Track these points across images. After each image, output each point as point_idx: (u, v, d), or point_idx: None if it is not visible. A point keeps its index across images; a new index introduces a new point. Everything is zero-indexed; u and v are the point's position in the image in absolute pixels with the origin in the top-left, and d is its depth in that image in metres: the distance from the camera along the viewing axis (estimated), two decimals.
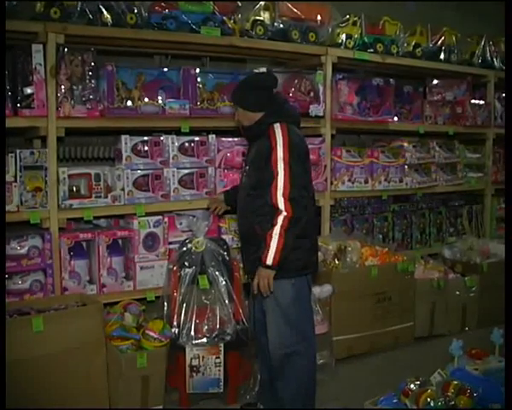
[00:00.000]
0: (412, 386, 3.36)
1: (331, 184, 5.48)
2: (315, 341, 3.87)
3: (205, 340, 4.10)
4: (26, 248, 4.15)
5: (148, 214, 4.54)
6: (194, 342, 4.10)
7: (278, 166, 3.50)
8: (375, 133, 6.35)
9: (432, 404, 3.15)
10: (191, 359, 4.12)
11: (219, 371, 4.15)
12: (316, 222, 4.02)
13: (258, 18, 4.94)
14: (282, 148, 3.52)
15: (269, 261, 3.49)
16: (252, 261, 3.70)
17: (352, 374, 4.77)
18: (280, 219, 3.47)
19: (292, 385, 3.69)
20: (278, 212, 3.48)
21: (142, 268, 4.52)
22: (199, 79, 4.66)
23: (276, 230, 3.47)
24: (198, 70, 4.67)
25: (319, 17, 5.29)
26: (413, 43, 6.00)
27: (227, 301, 4.18)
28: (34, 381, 3.68)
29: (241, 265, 4.02)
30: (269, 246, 3.48)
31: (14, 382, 3.58)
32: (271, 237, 3.48)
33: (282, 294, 3.63)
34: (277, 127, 3.60)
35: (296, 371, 3.67)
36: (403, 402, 3.33)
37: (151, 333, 3.99)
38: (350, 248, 5.11)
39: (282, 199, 3.48)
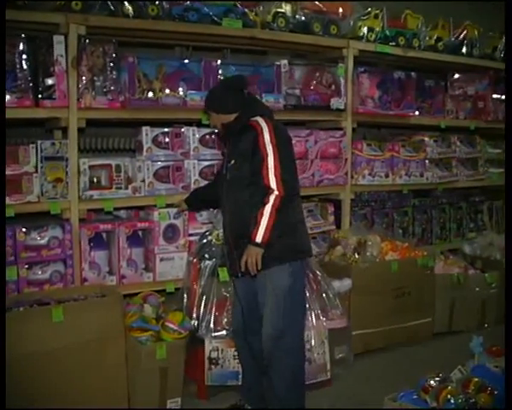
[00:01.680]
0: (432, 382, 3.35)
1: (351, 177, 5.45)
2: (304, 323, 3.92)
3: (224, 333, 4.11)
4: (47, 239, 4.15)
5: (168, 206, 4.54)
6: (213, 334, 4.12)
7: (267, 148, 3.52)
8: (396, 127, 6.29)
9: (452, 401, 3.14)
10: (210, 351, 4.13)
11: (238, 363, 4.13)
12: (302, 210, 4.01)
13: (279, 10, 4.90)
14: (268, 133, 3.55)
15: (258, 239, 3.47)
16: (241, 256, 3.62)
17: (370, 369, 4.75)
18: (271, 198, 3.48)
19: (282, 367, 3.64)
20: (270, 191, 3.49)
21: (162, 260, 4.51)
22: (220, 71, 4.64)
23: (267, 208, 3.47)
24: (219, 62, 4.65)
25: (341, 10, 5.25)
26: (435, 37, 5.95)
27: None
28: (53, 371, 3.69)
29: (229, 267, 3.88)
30: (259, 224, 3.47)
31: (34, 373, 3.62)
32: (262, 214, 3.47)
33: (278, 280, 3.60)
34: (258, 118, 3.65)
35: (285, 353, 3.63)
36: (423, 399, 3.32)
37: (171, 325, 3.99)
38: (370, 243, 5.08)
39: (274, 178, 3.49)
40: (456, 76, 6.48)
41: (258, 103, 3.96)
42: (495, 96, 6.52)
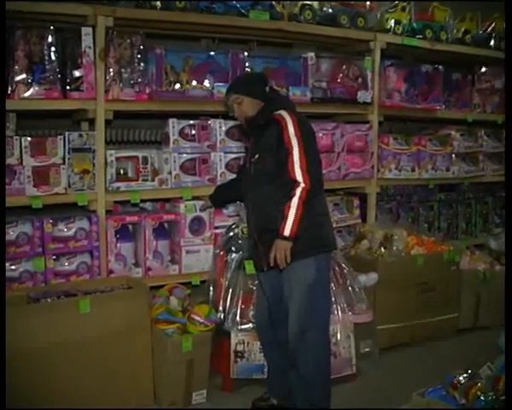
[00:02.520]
0: (461, 379, 3.31)
1: (377, 171, 5.41)
2: (329, 317, 3.88)
3: (250, 325, 4.10)
4: (74, 230, 4.18)
5: (194, 198, 4.54)
6: (239, 327, 4.11)
7: (292, 141, 3.49)
8: (422, 121, 6.25)
9: (482, 398, 3.10)
10: (236, 344, 4.12)
11: (264, 356, 4.12)
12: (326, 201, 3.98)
13: (306, 2, 4.87)
14: (292, 126, 3.52)
15: (286, 232, 3.43)
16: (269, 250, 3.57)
17: (395, 364, 4.72)
18: (298, 191, 3.45)
19: (308, 361, 3.62)
20: (296, 184, 3.46)
21: (187, 252, 4.51)
22: (247, 64, 4.62)
23: (294, 201, 3.44)
24: (246, 54, 4.64)
25: (368, 2, 5.22)
26: (463, 30, 5.88)
27: None
28: (79, 362, 3.71)
29: (254, 263, 3.87)
30: (287, 217, 3.44)
31: (60, 363, 3.65)
32: (289, 207, 3.44)
33: (304, 274, 3.57)
34: (282, 111, 3.62)
35: (311, 346, 3.60)
36: (451, 395, 3.28)
37: (197, 317, 3.99)
38: (396, 237, 5.04)
39: (300, 171, 3.46)
40: (484, 69, 6.40)
41: (281, 97, 3.98)
42: None
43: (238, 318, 4.12)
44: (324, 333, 3.76)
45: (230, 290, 4.17)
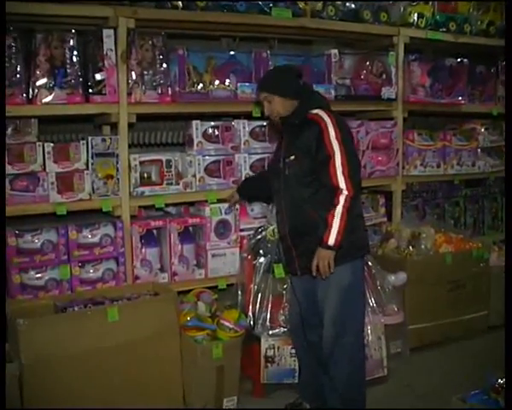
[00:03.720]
0: (502, 382, 3.23)
1: (403, 168, 5.32)
2: (364, 321, 3.84)
3: (280, 330, 4.03)
4: (99, 237, 4.12)
5: (219, 201, 4.46)
6: (269, 332, 4.04)
7: (333, 145, 3.39)
8: (444, 115, 6.15)
9: None
10: (266, 349, 4.06)
11: (294, 361, 4.06)
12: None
13: None
14: (333, 128, 3.41)
15: (331, 242, 3.35)
16: (311, 253, 3.47)
17: (426, 364, 4.66)
18: (342, 199, 3.35)
19: (344, 365, 3.56)
20: (339, 191, 3.36)
21: (213, 256, 4.45)
22: (270, 62, 4.53)
23: (339, 209, 3.35)
24: (270, 53, 4.55)
25: None
26: (487, 21, 5.74)
27: None
28: (109, 371, 3.66)
29: (287, 265, 3.81)
30: (331, 226, 3.35)
31: (90, 371, 3.60)
32: (333, 216, 3.35)
33: (340, 278, 3.49)
34: (319, 111, 3.51)
35: (346, 350, 3.55)
36: (494, 399, 3.21)
37: (226, 323, 3.94)
38: (424, 235, 4.97)
39: (343, 178, 3.37)
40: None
41: (316, 94, 3.78)
42: None
43: (268, 322, 4.05)
44: (359, 336, 3.71)
45: (259, 295, 4.09)
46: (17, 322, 3.43)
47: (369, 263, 4.40)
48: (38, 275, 3.97)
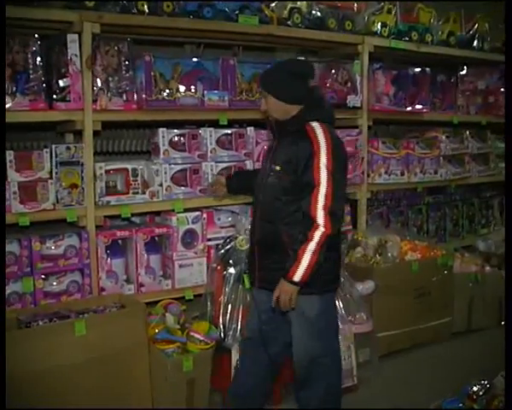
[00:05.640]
0: (476, 389, 3.25)
1: (368, 176, 5.33)
2: (340, 354, 3.70)
3: None
4: (63, 248, 3.99)
5: (186, 210, 4.37)
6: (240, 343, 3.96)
7: (321, 174, 3.13)
8: (405, 123, 6.19)
9: None
10: (237, 361, 3.95)
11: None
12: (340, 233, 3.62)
13: (294, 6, 4.74)
14: (325, 154, 3.14)
15: (296, 278, 3.13)
16: (273, 270, 3.31)
17: (394, 371, 4.64)
18: (317, 235, 3.10)
19: (318, 397, 3.44)
20: (315, 226, 3.11)
21: (180, 266, 4.35)
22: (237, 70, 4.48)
23: (312, 246, 3.10)
24: (237, 60, 4.49)
25: (355, 5, 5.12)
26: (447, 32, 5.83)
27: None
28: (76, 386, 3.54)
29: (248, 270, 3.66)
30: (299, 262, 3.12)
31: (56, 387, 3.48)
32: (304, 252, 3.11)
33: (308, 307, 3.32)
34: (317, 127, 3.22)
35: (322, 383, 3.41)
36: (468, 406, 3.21)
37: (196, 335, 3.85)
38: (390, 243, 4.98)
39: (323, 213, 3.11)
40: (467, 71, 6.37)
41: (322, 103, 3.46)
42: None
43: (238, 334, 3.96)
44: (335, 360, 3.57)
45: (230, 306, 4.01)
46: None
47: None
48: None
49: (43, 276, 3.93)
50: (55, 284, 3.99)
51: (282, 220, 3.28)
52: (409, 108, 5.53)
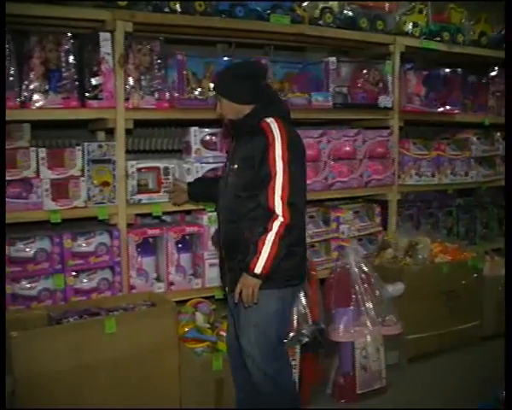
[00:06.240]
0: None
1: (398, 177, 5.29)
2: (289, 362, 3.60)
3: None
4: (94, 245, 4.00)
5: None
6: None
7: (277, 165, 3.11)
8: (436, 125, 6.14)
9: None
10: None
11: (295, 373, 3.96)
12: (305, 227, 3.53)
13: (326, 5, 4.72)
14: (280, 145, 3.13)
15: (257, 270, 3.09)
16: (236, 271, 3.27)
17: (423, 374, 4.61)
18: (276, 225, 3.08)
19: (270, 391, 3.36)
20: (274, 216, 3.09)
21: (211, 265, 4.32)
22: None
23: (271, 236, 3.07)
24: (268, 60, 4.48)
25: (387, 4, 5.09)
26: (478, 32, 5.78)
27: (304, 301, 3.98)
28: (106, 385, 3.55)
29: (220, 277, 3.61)
30: (260, 253, 3.09)
31: (87, 385, 3.49)
32: (264, 243, 3.08)
33: (264, 304, 3.22)
34: (272, 122, 3.21)
35: (270, 377, 3.31)
36: None
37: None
38: (420, 245, 4.94)
39: (281, 203, 3.09)
40: (497, 72, 6.30)
41: (276, 100, 3.45)
42: None
43: None
44: (282, 384, 3.41)
45: None
46: (10, 334, 3.30)
47: (369, 272, 4.39)
48: (31, 285, 3.84)
49: (73, 273, 3.95)
50: (85, 281, 4.00)
51: (243, 218, 3.25)
52: (440, 109, 5.49)
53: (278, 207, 3.09)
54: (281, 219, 3.08)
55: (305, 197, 3.32)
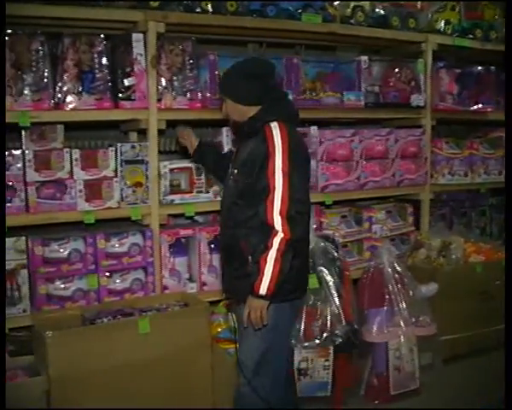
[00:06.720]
0: None
1: (431, 176, 5.25)
2: (283, 368, 3.35)
3: (315, 342, 3.91)
4: (127, 246, 4.01)
5: None
6: (303, 344, 3.92)
7: (276, 177, 2.95)
8: (468, 123, 6.07)
9: None
10: (299, 361, 3.93)
11: (328, 374, 3.96)
12: (308, 238, 3.35)
13: (358, 4, 4.69)
14: (281, 155, 2.95)
15: (262, 291, 2.95)
16: (232, 279, 3.21)
17: (457, 376, 4.56)
18: (276, 242, 2.93)
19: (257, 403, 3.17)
20: (274, 232, 2.94)
21: None
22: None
23: (272, 254, 2.93)
24: (301, 59, 4.47)
25: (419, 2, 5.05)
26: None
27: (337, 301, 3.97)
28: (139, 385, 3.56)
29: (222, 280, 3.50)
30: (263, 273, 2.94)
31: (120, 387, 3.50)
32: (266, 261, 2.94)
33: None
34: (275, 127, 3.03)
35: (259, 391, 3.14)
36: None
37: None
38: (454, 245, 4.89)
39: (279, 218, 2.93)
40: None
41: (284, 101, 3.27)
42: None
43: (301, 334, 3.92)
44: (274, 385, 3.23)
45: None
46: (45, 334, 3.33)
47: (403, 272, 4.36)
48: (65, 285, 3.86)
49: (107, 273, 3.97)
50: (118, 281, 4.01)
51: (241, 225, 3.12)
52: (473, 108, 5.44)
53: (277, 222, 2.94)
54: (281, 234, 2.94)
55: (307, 207, 3.14)
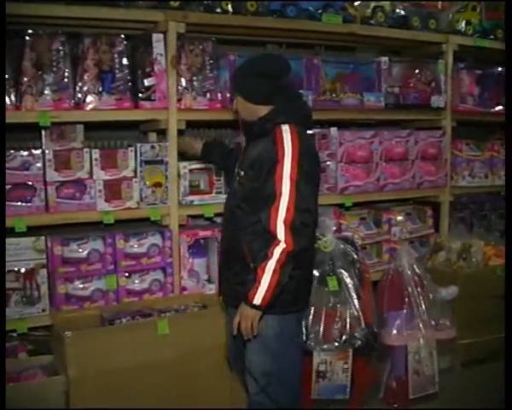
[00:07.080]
0: None
1: (451, 179, 5.21)
2: (295, 384, 3.27)
3: (334, 344, 3.89)
4: (146, 246, 4.00)
5: None
6: (322, 346, 3.89)
7: (283, 183, 2.83)
8: (489, 125, 6.02)
9: None
10: (318, 364, 3.90)
11: (347, 377, 3.93)
12: (313, 247, 3.33)
13: (378, 4, 4.67)
14: (290, 162, 2.84)
15: (257, 301, 2.86)
16: (231, 283, 3.16)
17: (476, 380, 4.51)
18: (277, 252, 2.83)
19: None
20: (276, 242, 2.84)
21: None
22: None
23: (271, 264, 2.83)
24: (321, 60, 4.45)
25: (439, 3, 5.01)
26: None
27: (357, 304, 3.94)
28: (158, 386, 3.56)
29: (218, 284, 3.41)
30: (259, 282, 2.85)
31: (139, 387, 3.50)
32: (264, 271, 2.84)
33: (265, 328, 3.02)
34: (286, 131, 2.94)
35: (271, 400, 3.11)
36: None
37: None
38: (474, 248, 4.84)
39: (283, 227, 2.82)
40: None
41: (297, 102, 3.17)
42: None
43: (321, 336, 3.90)
44: (287, 392, 3.19)
45: (313, 308, 3.94)
46: (64, 334, 3.34)
47: (422, 275, 4.33)
48: (84, 285, 3.86)
49: (126, 274, 3.96)
50: (137, 282, 4.00)
51: (243, 231, 3.05)
52: (495, 109, 5.39)
53: (280, 231, 2.84)
54: (283, 245, 2.84)
55: (314, 217, 3.05)
